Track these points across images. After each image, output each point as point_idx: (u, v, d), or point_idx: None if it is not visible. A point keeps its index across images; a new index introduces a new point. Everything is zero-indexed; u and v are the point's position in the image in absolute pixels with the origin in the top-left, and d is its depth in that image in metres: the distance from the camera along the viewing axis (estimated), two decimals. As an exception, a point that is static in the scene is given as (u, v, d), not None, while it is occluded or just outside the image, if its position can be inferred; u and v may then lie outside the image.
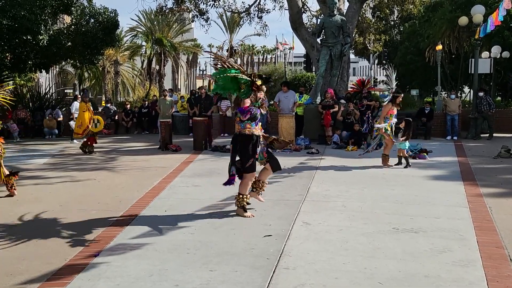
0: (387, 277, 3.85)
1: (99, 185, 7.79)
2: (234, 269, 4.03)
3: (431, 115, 14.30)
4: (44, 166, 9.90)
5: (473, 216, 5.62)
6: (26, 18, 14.38)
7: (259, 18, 22.04)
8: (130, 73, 41.42)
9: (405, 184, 7.46)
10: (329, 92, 13.12)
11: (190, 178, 8.19)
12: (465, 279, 3.83)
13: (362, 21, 23.27)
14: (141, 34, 37.31)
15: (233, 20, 42.27)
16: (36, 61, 16.87)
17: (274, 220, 5.46)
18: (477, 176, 8.05)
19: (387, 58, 35.50)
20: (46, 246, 4.76)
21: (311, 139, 12.42)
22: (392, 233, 4.98)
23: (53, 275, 4.01)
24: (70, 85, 43.80)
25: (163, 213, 5.89)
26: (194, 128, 12.58)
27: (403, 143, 9.06)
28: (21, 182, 8.11)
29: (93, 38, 16.83)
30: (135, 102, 24.93)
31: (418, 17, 28.56)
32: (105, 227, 5.31)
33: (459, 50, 23.97)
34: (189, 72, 57.03)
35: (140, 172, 8.92)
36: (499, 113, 15.59)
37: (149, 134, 16.44)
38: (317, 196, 6.66)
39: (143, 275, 3.95)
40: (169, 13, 21.15)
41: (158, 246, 4.64)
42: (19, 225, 5.46)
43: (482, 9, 14.35)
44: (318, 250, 4.49)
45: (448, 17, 22.07)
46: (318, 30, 14.92)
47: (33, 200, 6.68)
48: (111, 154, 11.45)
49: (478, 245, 4.60)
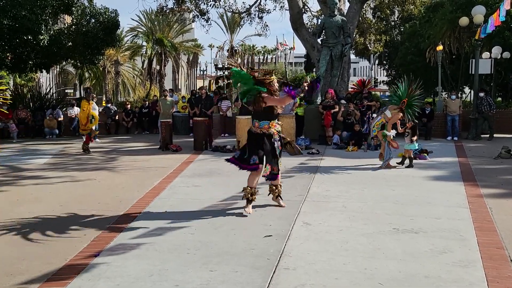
0: (388, 277, 3.85)
1: (99, 185, 7.79)
2: (234, 269, 4.03)
3: (431, 116, 14.30)
4: (44, 166, 9.90)
5: (474, 216, 5.62)
6: (27, 18, 14.40)
7: (259, 18, 22.07)
8: (130, 73, 41.46)
9: (406, 185, 7.46)
10: (330, 92, 13.13)
11: (191, 178, 8.19)
12: (466, 279, 3.83)
13: (362, 21, 23.28)
14: (141, 34, 37.36)
15: (234, 20, 42.29)
16: (36, 61, 16.90)
17: (274, 220, 5.46)
18: (478, 177, 8.04)
19: (387, 59, 35.49)
20: (46, 246, 4.76)
21: (312, 139, 12.42)
22: (393, 233, 4.97)
23: (53, 275, 4.01)
24: (70, 85, 43.86)
25: (163, 213, 5.89)
26: (195, 128, 12.58)
27: (413, 144, 9.07)
28: (21, 182, 8.13)
29: (93, 38, 16.86)
30: (136, 102, 24.97)
31: (419, 18, 28.54)
32: (105, 227, 5.31)
33: (460, 51, 23.95)
34: (189, 72, 57.01)
35: (140, 172, 8.92)
36: (499, 114, 15.58)
37: (149, 134, 16.44)
38: (318, 197, 6.66)
39: (143, 275, 3.95)
40: (170, 13, 21.16)
41: (158, 246, 4.64)
42: (19, 225, 5.46)
43: (482, 10, 14.34)
44: (318, 250, 4.49)
45: (448, 18, 22.05)
46: (319, 30, 14.93)
47: (33, 200, 6.68)
48: (111, 154, 11.45)
49: (478, 246, 4.60)
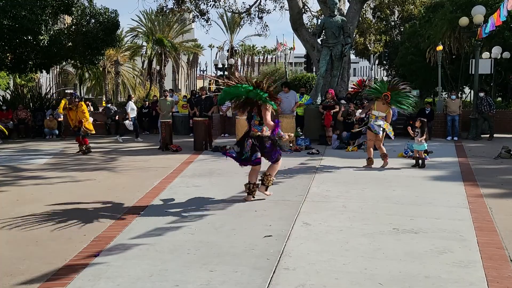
0: (388, 277, 3.85)
1: (99, 185, 7.79)
2: (235, 270, 4.03)
3: (431, 116, 14.30)
4: (44, 166, 9.90)
5: (474, 216, 5.62)
6: (27, 18, 14.39)
7: (259, 18, 22.05)
8: (130, 74, 41.41)
9: (406, 185, 7.46)
10: (330, 92, 13.13)
11: (191, 178, 8.19)
12: (466, 280, 3.83)
13: (362, 21, 23.26)
14: (141, 35, 37.33)
15: (234, 20, 42.31)
16: (36, 61, 16.89)
17: (275, 220, 5.46)
18: (478, 177, 8.04)
19: (387, 59, 35.49)
20: (46, 246, 4.76)
21: (312, 139, 12.42)
22: (393, 233, 4.97)
23: (54, 275, 4.01)
24: (70, 85, 43.82)
25: (163, 214, 5.89)
26: (195, 128, 12.58)
27: (422, 145, 9.07)
28: (21, 182, 8.14)
29: (93, 38, 16.84)
30: (136, 103, 24.92)
31: (419, 18, 28.54)
32: (106, 227, 5.31)
33: (460, 51, 23.94)
34: (189, 72, 57.01)
35: (140, 173, 8.92)
36: (499, 114, 15.59)
37: (149, 135, 16.44)
38: (318, 197, 6.66)
39: (143, 276, 3.95)
40: (170, 13, 21.14)
41: (158, 247, 4.64)
42: (20, 225, 5.46)
43: (482, 10, 14.34)
44: (318, 250, 4.49)
45: (448, 18, 22.05)
46: (319, 30, 14.92)
47: (34, 200, 6.68)
48: (111, 154, 11.45)
49: (478, 246, 4.60)
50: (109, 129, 17.02)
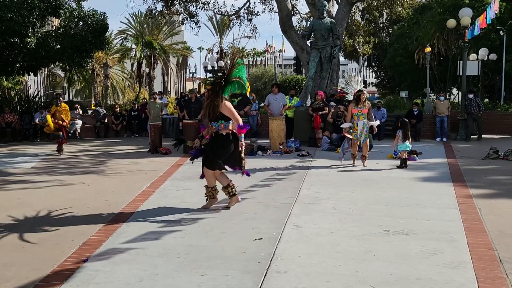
0: (379, 280, 3.85)
1: (88, 189, 7.71)
2: (225, 273, 4.00)
3: (420, 117, 14.41)
4: (32, 170, 9.78)
5: (463, 217, 5.65)
6: (14, 20, 14.25)
7: (249, 20, 22.06)
8: (120, 76, 41.23)
9: (396, 186, 7.48)
10: (319, 94, 13.16)
11: (180, 181, 8.14)
12: (456, 281, 3.84)
13: (351, 23, 23.38)
14: (130, 37, 37.22)
15: (223, 22, 42.29)
16: (24, 64, 16.73)
17: (265, 223, 5.44)
18: (467, 178, 8.10)
19: (376, 61, 35.74)
20: (34, 252, 4.69)
21: (302, 141, 12.44)
22: (383, 235, 4.98)
23: (41, 282, 3.95)
24: (59, 88, 43.44)
25: (153, 217, 5.83)
26: (184, 131, 12.52)
27: (403, 145, 9.11)
28: (8, 186, 8.02)
29: (82, 40, 16.73)
30: (125, 105, 24.78)
31: (407, 20, 28.79)
32: (94, 232, 5.25)
33: (448, 52, 24.19)
34: (179, 74, 56.86)
35: (129, 176, 8.85)
36: (487, 115, 15.76)
37: (138, 137, 16.35)
38: (308, 199, 6.65)
39: (133, 281, 3.91)
40: (159, 15, 21.09)
41: (148, 251, 4.59)
42: (7, 231, 5.37)
43: (469, 12, 14.50)
44: (309, 253, 4.48)
45: (436, 20, 22.27)
46: (308, 32, 14.97)
47: (21, 205, 6.58)
48: (100, 158, 11.36)
49: (468, 247, 4.62)
50: (98, 132, 16.90)
